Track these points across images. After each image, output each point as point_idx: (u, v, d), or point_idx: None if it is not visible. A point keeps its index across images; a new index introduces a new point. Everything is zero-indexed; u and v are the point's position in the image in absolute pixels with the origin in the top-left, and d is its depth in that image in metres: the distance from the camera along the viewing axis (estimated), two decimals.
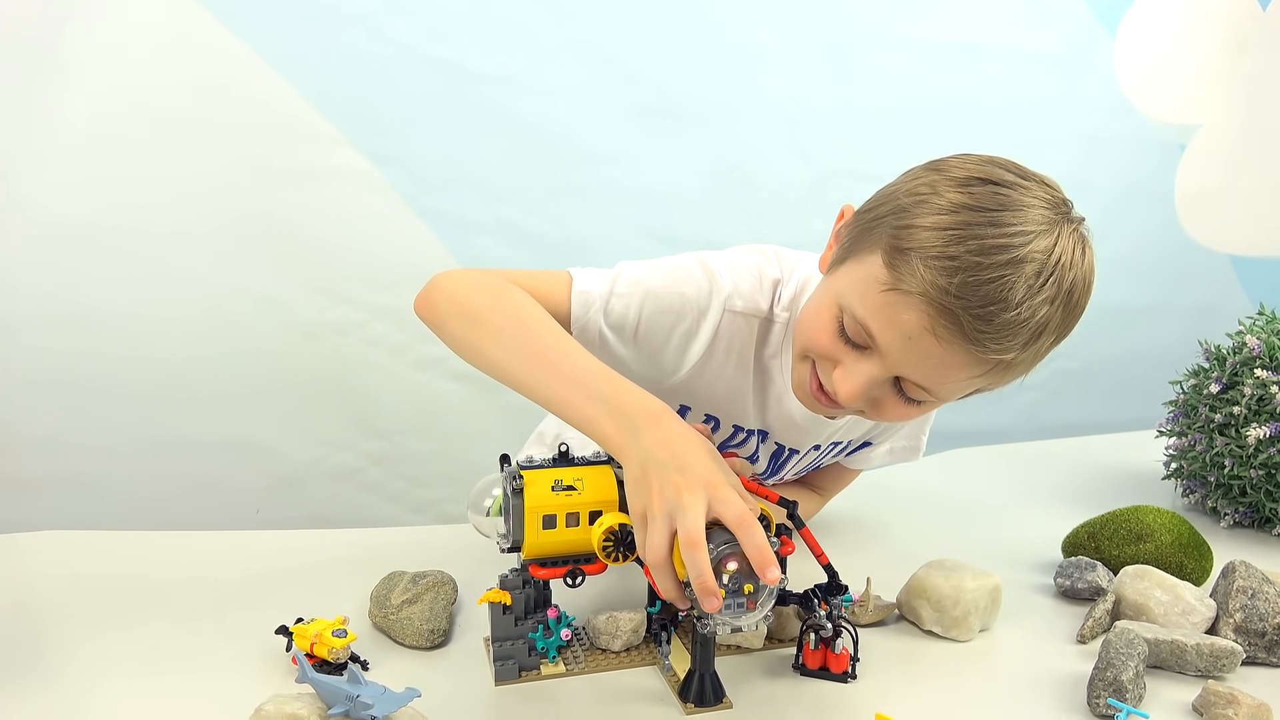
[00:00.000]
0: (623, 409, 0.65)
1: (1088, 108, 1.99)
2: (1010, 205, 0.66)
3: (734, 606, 0.60)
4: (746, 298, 0.81)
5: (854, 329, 0.71)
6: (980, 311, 0.64)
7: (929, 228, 0.66)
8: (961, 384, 0.72)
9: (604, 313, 0.79)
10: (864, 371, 0.71)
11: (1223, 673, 0.75)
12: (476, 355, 0.72)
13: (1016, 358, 0.68)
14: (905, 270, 0.66)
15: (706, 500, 0.59)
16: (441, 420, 1.64)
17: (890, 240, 0.68)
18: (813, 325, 0.75)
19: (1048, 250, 0.65)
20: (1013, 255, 0.64)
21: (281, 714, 0.58)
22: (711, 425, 0.88)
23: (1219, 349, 1.15)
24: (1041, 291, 0.65)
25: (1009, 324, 0.65)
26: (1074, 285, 0.67)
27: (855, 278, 0.71)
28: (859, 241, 0.72)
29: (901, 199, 0.69)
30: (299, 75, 1.46)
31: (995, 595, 0.82)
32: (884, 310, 0.68)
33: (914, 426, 1.00)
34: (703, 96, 1.68)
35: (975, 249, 0.64)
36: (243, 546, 0.96)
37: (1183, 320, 2.11)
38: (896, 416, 0.76)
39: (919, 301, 0.66)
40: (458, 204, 1.58)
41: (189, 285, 1.46)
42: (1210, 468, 1.11)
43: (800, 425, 0.88)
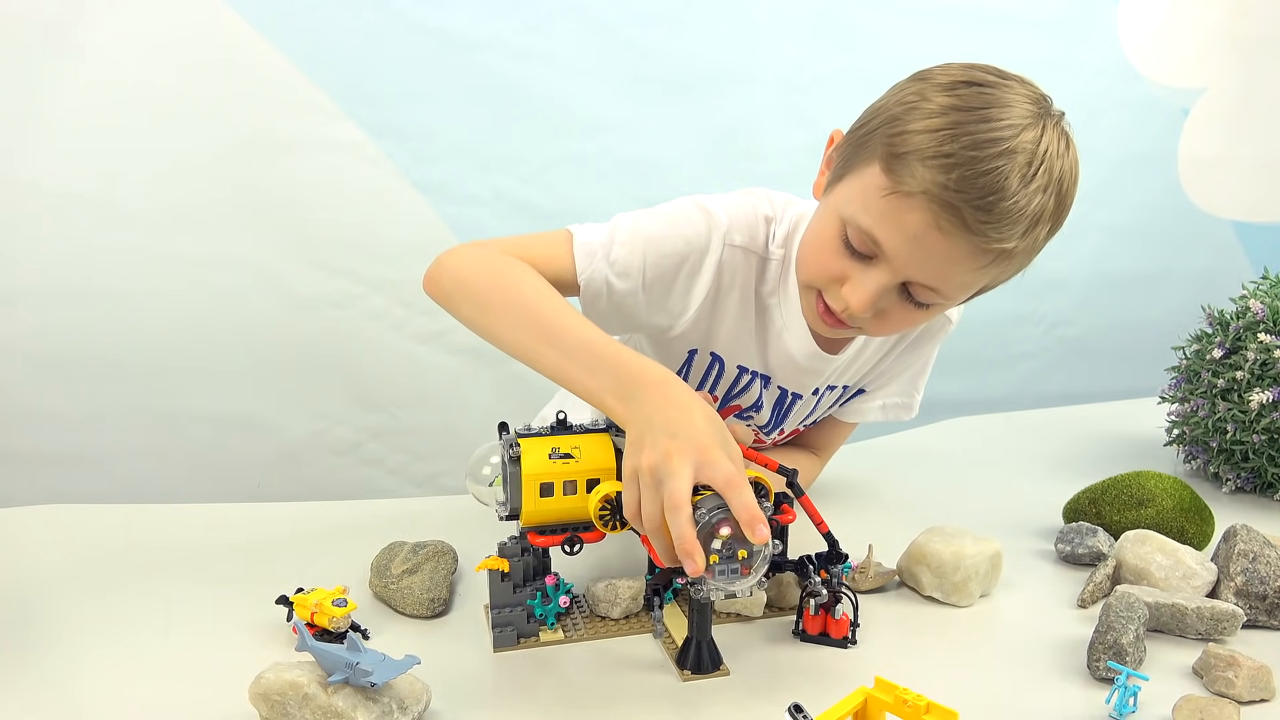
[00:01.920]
0: (624, 378, 0.66)
1: (1090, 72, 1.97)
2: (996, 103, 0.69)
3: (727, 572, 0.60)
4: (744, 232, 0.84)
5: (859, 239, 0.73)
6: (980, 202, 0.67)
7: (922, 130, 0.68)
8: (967, 278, 0.73)
9: (608, 262, 0.80)
10: (873, 280, 0.73)
11: (1223, 635, 0.75)
12: (485, 334, 0.74)
13: (1017, 246, 0.70)
14: (904, 173, 0.69)
15: (694, 464, 0.59)
16: (441, 393, 1.63)
17: (886, 148, 0.70)
18: (815, 248, 0.77)
19: (1035, 140, 0.68)
20: (1004, 147, 0.67)
21: (282, 682, 0.58)
22: (717, 368, 0.90)
23: (1222, 314, 1.14)
24: (1034, 180, 0.68)
25: (1008, 212, 0.68)
26: (1063, 174, 0.70)
27: (855, 190, 0.73)
28: (854, 156, 0.74)
29: (892, 109, 0.72)
30: (293, 46, 1.44)
31: (996, 561, 0.82)
32: (888, 214, 0.70)
33: (907, 383, 1.00)
34: (700, 63, 1.66)
35: (969, 144, 0.67)
36: (242, 518, 0.96)
37: (1185, 286, 2.10)
38: (905, 323, 0.79)
39: (921, 200, 0.68)
40: (453, 175, 1.57)
41: (186, 259, 1.45)
42: (1212, 433, 1.10)
43: (801, 365, 0.89)
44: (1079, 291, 2.09)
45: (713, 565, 0.59)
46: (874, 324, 0.78)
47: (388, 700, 0.59)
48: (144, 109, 1.39)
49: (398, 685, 0.61)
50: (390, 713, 0.59)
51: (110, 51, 1.36)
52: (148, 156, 1.40)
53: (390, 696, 0.60)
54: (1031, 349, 2.10)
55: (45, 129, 1.35)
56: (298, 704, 0.57)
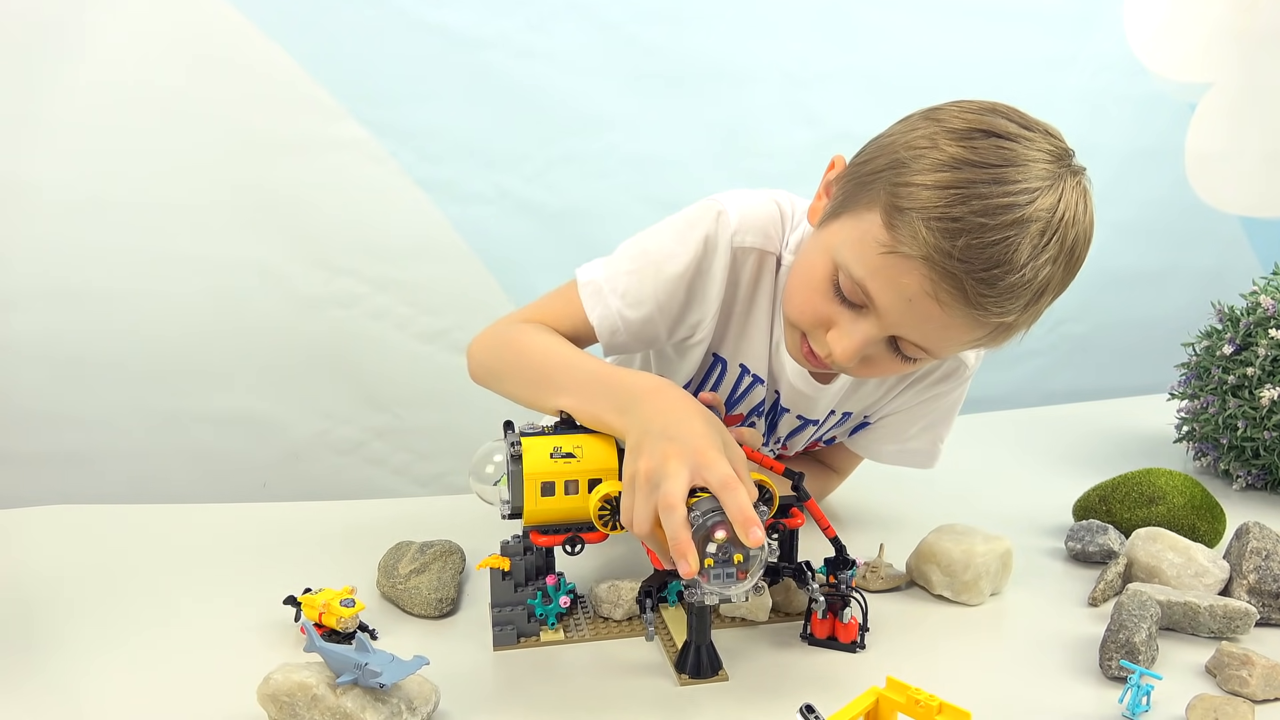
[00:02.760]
0: (620, 392, 0.67)
1: (1095, 67, 1.96)
2: (1014, 160, 0.63)
3: (723, 576, 0.59)
4: (756, 232, 0.80)
5: (850, 288, 0.69)
6: (984, 275, 0.63)
7: (930, 185, 0.63)
8: (959, 345, 0.71)
9: (617, 295, 0.80)
10: (860, 331, 0.70)
11: (1236, 634, 0.74)
12: (514, 400, 0.76)
13: (1018, 319, 0.67)
14: (906, 232, 0.64)
15: (691, 467, 0.59)
16: (445, 393, 1.63)
17: (889, 198, 0.66)
18: (803, 286, 0.73)
19: (1052, 208, 0.63)
20: (1018, 215, 0.62)
21: (290, 683, 0.58)
22: (720, 369, 0.88)
23: (1232, 310, 1.13)
24: (1046, 251, 0.63)
25: (1013, 286, 0.63)
26: (1076, 241, 0.66)
27: (851, 236, 0.69)
28: (854, 196, 0.70)
29: (900, 152, 0.66)
30: (296, 44, 1.43)
31: (1006, 559, 0.81)
32: (883, 272, 0.66)
33: (927, 429, 0.95)
34: (704, 60, 1.65)
35: (979, 209, 0.62)
36: (249, 518, 0.96)
37: (1192, 283, 2.09)
38: (889, 372, 0.76)
39: (920, 265, 0.64)
40: (457, 173, 1.56)
41: (188, 259, 1.44)
42: (1223, 430, 1.10)
43: (793, 384, 0.86)
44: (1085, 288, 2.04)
45: (708, 569, 0.59)
46: (858, 369, 0.75)
47: (396, 701, 0.59)
48: (146, 109, 1.38)
49: (406, 686, 0.60)
50: (399, 713, 0.59)
51: (112, 51, 1.35)
52: (150, 156, 1.40)
53: (399, 697, 0.59)
54: (1037, 346, 2.08)
55: (47, 129, 1.35)
56: (306, 705, 0.57)
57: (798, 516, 0.73)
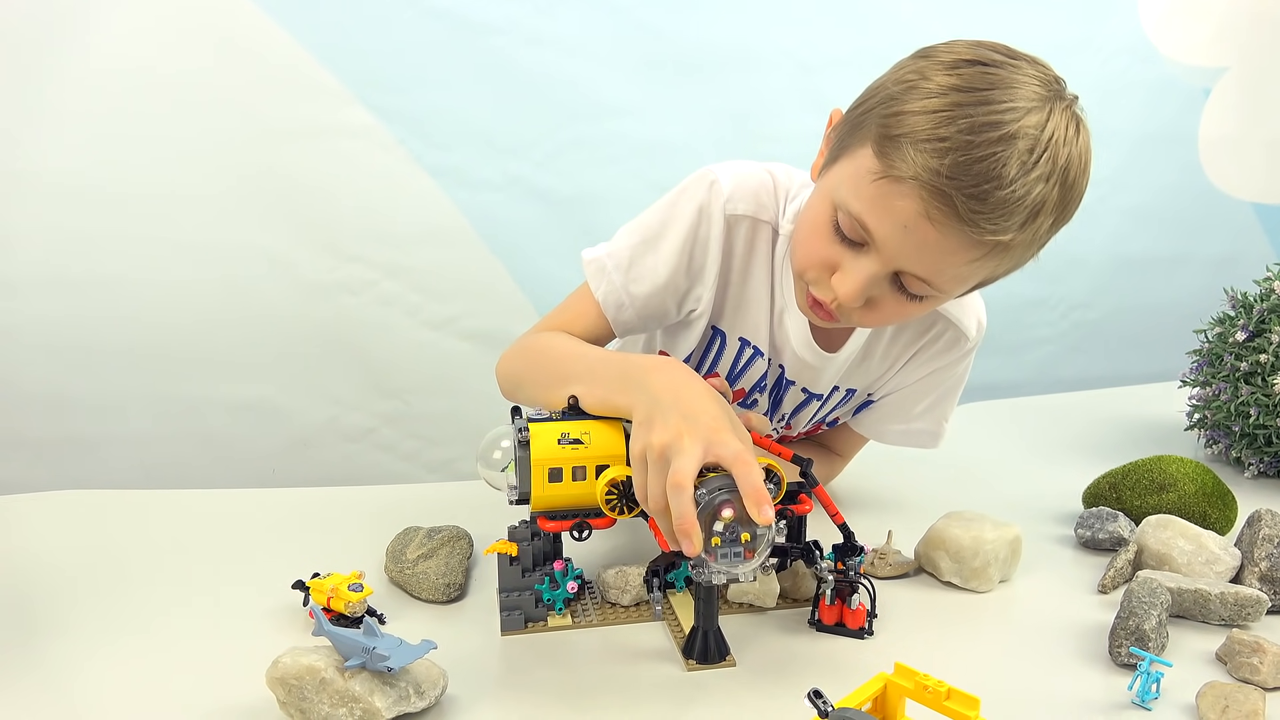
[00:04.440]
0: (627, 371, 0.67)
1: (1109, 51, 1.94)
2: (1000, 84, 0.64)
3: (730, 555, 0.59)
4: (749, 200, 0.81)
5: (849, 225, 0.70)
6: (974, 190, 0.63)
7: (919, 111, 0.65)
8: (960, 270, 0.70)
9: (620, 271, 0.82)
10: (863, 269, 0.70)
11: (1247, 621, 0.74)
12: (537, 404, 0.76)
13: (1014, 238, 0.66)
14: (896, 156, 0.65)
15: (704, 444, 0.59)
16: (454, 379, 1.63)
17: (880, 129, 0.67)
18: (806, 234, 0.74)
19: (1039, 125, 0.64)
20: (1004, 131, 0.63)
21: (299, 666, 0.58)
22: (719, 342, 0.88)
23: (1245, 296, 1.12)
24: (1035, 168, 0.64)
25: (1004, 202, 0.64)
26: (1069, 162, 0.66)
27: (847, 173, 0.70)
28: (849, 137, 0.71)
29: (890, 88, 0.68)
30: (304, 31, 1.43)
31: (1015, 546, 0.81)
32: (878, 201, 0.67)
33: (932, 409, 0.94)
34: (713, 45, 1.64)
35: (965, 128, 0.63)
36: (258, 504, 0.97)
37: (1204, 270, 2.07)
38: (897, 315, 0.76)
39: (911, 186, 0.65)
40: (465, 160, 1.56)
41: (196, 246, 1.44)
42: (1235, 417, 1.09)
43: (798, 354, 0.86)
44: (1096, 274, 2.06)
45: (714, 548, 0.59)
46: (864, 315, 0.75)
47: (405, 685, 0.59)
48: (154, 96, 1.38)
49: (414, 670, 0.60)
50: (407, 697, 0.59)
51: (119, 38, 1.35)
52: (157, 143, 1.40)
53: (407, 681, 0.60)
54: (1048, 333, 2.07)
55: (55, 117, 1.35)
56: (315, 689, 0.57)
57: (806, 503, 0.73)
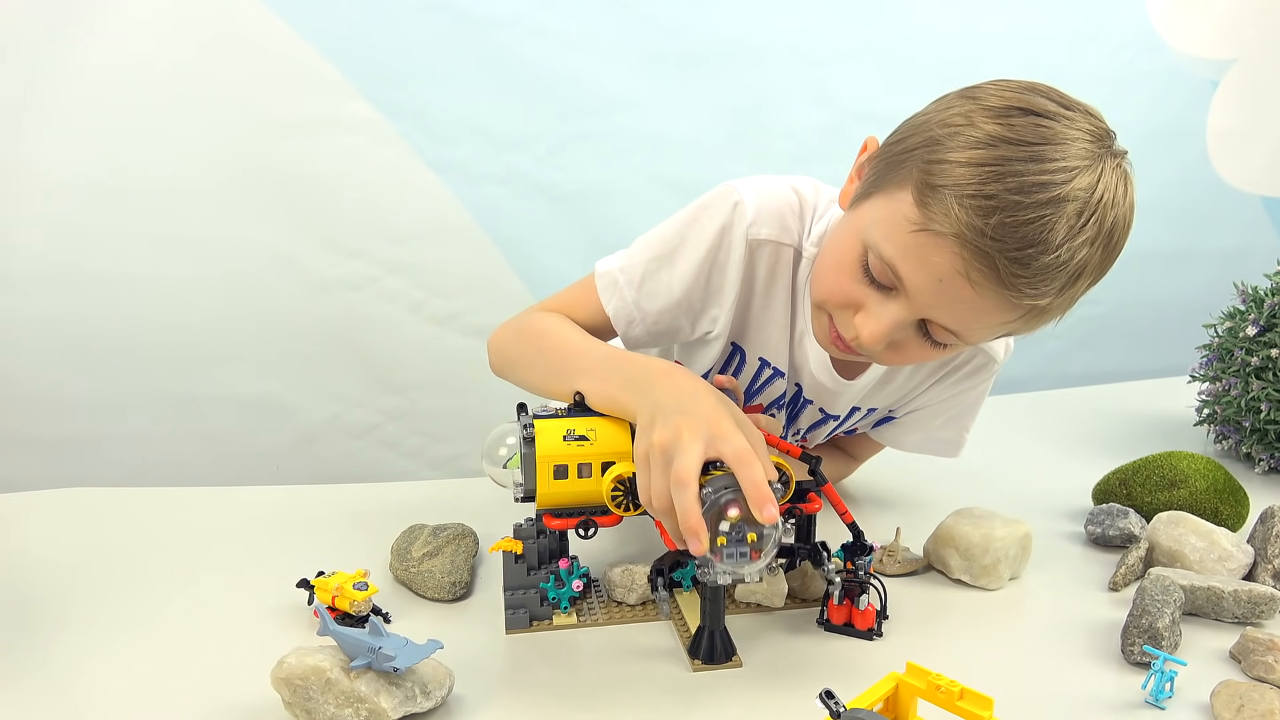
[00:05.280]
0: (633, 375, 0.66)
1: (1116, 43, 1.92)
2: (1052, 139, 0.61)
3: (736, 555, 0.59)
4: (772, 224, 0.78)
5: (879, 269, 0.67)
6: (1018, 255, 0.60)
7: (964, 163, 0.61)
8: (992, 329, 0.68)
9: (633, 287, 0.80)
10: (889, 314, 0.67)
11: (1261, 619, 0.73)
12: (531, 390, 0.75)
13: (1052, 302, 0.64)
14: (938, 209, 0.62)
15: (706, 439, 0.58)
16: (458, 375, 1.62)
17: (922, 175, 0.63)
18: (833, 268, 0.71)
19: (1090, 188, 0.61)
20: (1054, 194, 0.60)
21: (304, 666, 0.57)
22: (738, 359, 0.86)
23: (1256, 290, 1.11)
24: (1082, 232, 0.61)
25: (1047, 267, 0.61)
26: (1115, 224, 0.63)
27: (882, 214, 0.67)
28: (886, 175, 0.68)
29: (934, 130, 0.64)
30: (306, 24, 1.42)
31: (1025, 543, 0.80)
32: (913, 251, 0.64)
33: (952, 420, 0.93)
34: (718, 38, 1.63)
35: (1014, 187, 0.60)
36: (262, 501, 0.96)
37: (1212, 263, 2.06)
38: (918, 359, 0.73)
39: (952, 243, 0.62)
40: (469, 154, 1.55)
41: (198, 241, 1.44)
42: (1245, 412, 1.08)
43: (816, 378, 0.84)
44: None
45: (720, 548, 0.58)
46: (885, 355, 0.72)
47: (411, 685, 0.59)
48: (155, 90, 1.38)
49: (421, 670, 0.60)
50: (413, 697, 0.59)
51: (120, 32, 1.35)
52: (159, 138, 1.39)
53: (413, 681, 0.59)
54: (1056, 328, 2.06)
55: (56, 112, 1.34)
56: (320, 689, 0.57)
57: (815, 502, 0.72)
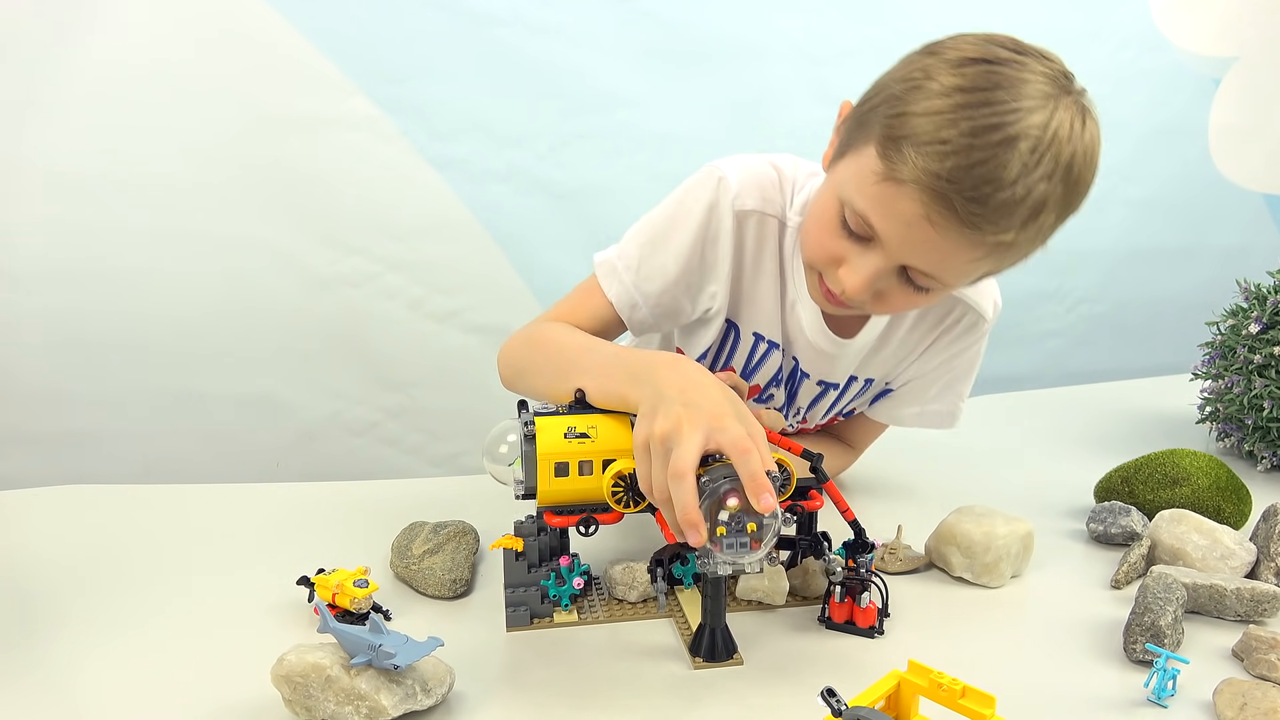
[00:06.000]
0: (636, 366, 0.67)
1: (1117, 41, 1.92)
2: (1005, 83, 0.64)
3: (735, 545, 0.59)
4: (755, 195, 0.82)
5: (855, 221, 0.71)
6: (974, 194, 0.63)
7: (921, 114, 0.65)
8: (965, 267, 0.71)
9: (631, 271, 0.83)
10: (869, 264, 0.71)
11: (1264, 617, 0.73)
12: (538, 396, 0.75)
13: (1016, 237, 0.66)
14: (898, 159, 0.65)
15: (705, 431, 0.59)
16: (458, 373, 1.62)
17: (884, 130, 0.67)
18: (815, 227, 0.76)
19: (1044, 125, 0.63)
20: (1006, 134, 0.62)
21: (304, 664, 0.57)
22: (733, 335, 0.89)
23: (1259, 288, 1.11)
24: (1038, 168, 0.63)
25: (1004, 204, 0.64)
26: (1074, 159, 0.65)
27: (852, 171, 0.71)
28: (854, 134, 0.72)
29: (895, 87, 0.68)
30: (307, 22, 1.42)
31: (1027, 541, 0.80)
32: (881, 201, 0.68)
33: (946, 388, 0.95)
34: (719, 35, 1.63)
35: (967, 130, 0.63)
36: (263, 498, 0.96)
37: (1214, 261, 2.06)
38: (906, 305, 0.77)
39: (912, 189, 0.65)
40: (470, 151, 1.55)
41: (198, 237, 1.44)
42: (1248, 410, 1.08)
43: (812, 343, 0.87)
44: (1105, 267, 2.05)
45: (719, 538, 0.59)
46: (874, 305, 0.76)
47: (411, 683, 0.59)
48: (156, 86, 1.37)
49: (421, 667, 0.60)
50: (414, 695, 0.58)
51: (122, 28, 1.35)
52: (161, 134, 1.39)
53: (414, 679, 0.59)
54: (1056, 326, 2.06)
55: (57, 108, 1.34)
56: (320, 686, 0.57)
57: (816, 499, 0.72)
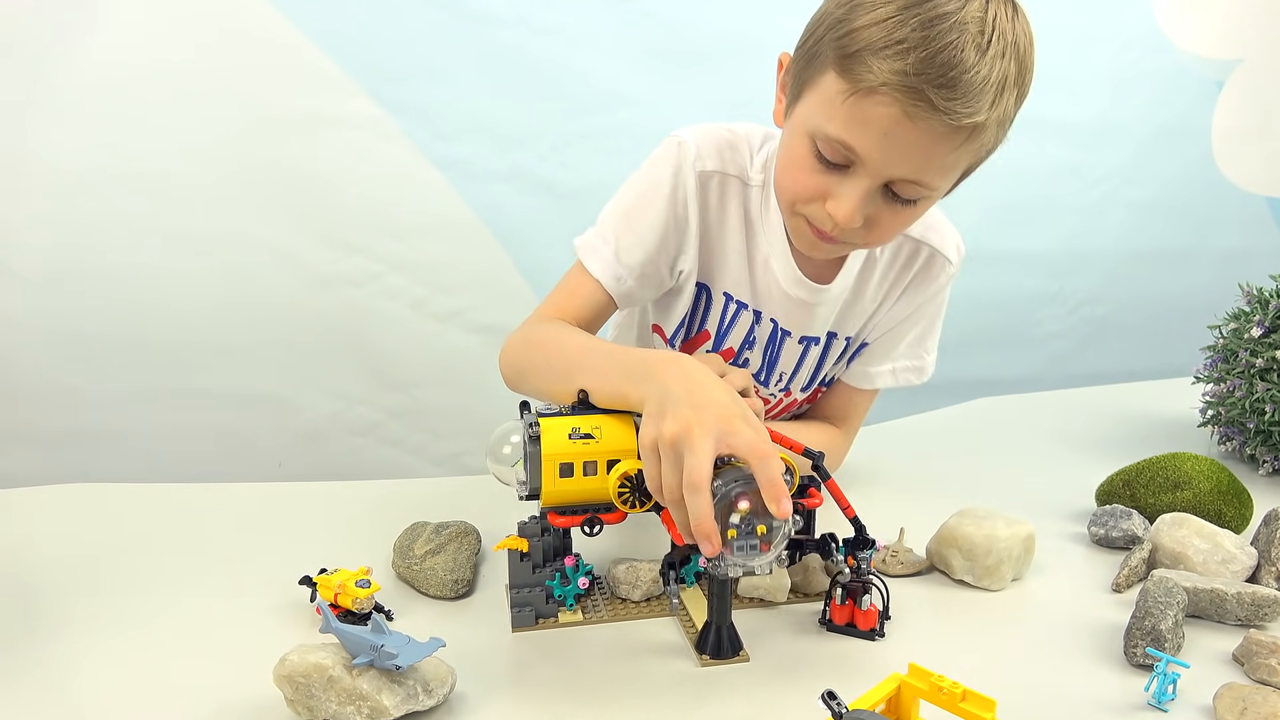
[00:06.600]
0: (636, 365, 0.67)
1: (1120, 43, 1.92)
2: None
3: (746, 548, 0.59)
4: (714, 156, 0.86)
5: (830, 149, 0.72)
6: (943, 80, 0.67)
7: (869, 24, 0.68)
8: (945, 160, 0.72)
9: (610, 245, 0.85)
10: (855, 189, 0.73)
11: (1264, 622, 0.73)
12: (541, 397, 0.76)
13: (987, 118, 0.69)
14: (861, 70, 0.68)
15: (717, 436, 0.59)
16: (460, 372, 1.63)
17: (837, 51, 0.70)
18: (790, 171, 0.77)
19: (982, 10, 0.68)
20: (953, 20, 0.67)
21: (306, 664, 0.57)
22: (704, 298, 0.91)
23: (1261, 291, 1.11)
24: (991, 48, 0.68)
25: (972, 84, 0.67)
26: (1017, 40, 0.70)
27: (815, 103, 0.73)
28: (806, 71, 0.74)
29: (834, 11, 0.71)
30: (310, 21, 1.42)
31: (1029, 544, 0.80)
32: (854, 117, 0.70)
33: (914, 343, 0.98)
34: (720, 35, 1.63)
35: (917, 25, 0.67)
36: (265, 498, 0.96)
37: (1216, 264, 2.06)
38: (897, 225, 0.79)
39: (884, 93, 0.68)
40: (471, 151, 1.55)
41: (202, 236, 1.44)
42: (1250, 414, 1.08)
43: (789, 295, 0.89)
44: (1107, 269, 2.05)
45: (730, 540, 0.59)
46: (866, 234, 0.78)
47: (413, 683, 0.59)
48: (159, 85, 1.38)
49: (423, 668, 0.60)
50: (415, 695, 0.58)
51: (124, 27, 1.35)
52: (165, 133, 1.39)
53: (415, 679, 0.59)
54: (1058, 328, 2.06)
55: (60, 106, 1.34)
56: (322, 686, 0.57)
57: (815, 496, 0.72)
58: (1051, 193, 1.95)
